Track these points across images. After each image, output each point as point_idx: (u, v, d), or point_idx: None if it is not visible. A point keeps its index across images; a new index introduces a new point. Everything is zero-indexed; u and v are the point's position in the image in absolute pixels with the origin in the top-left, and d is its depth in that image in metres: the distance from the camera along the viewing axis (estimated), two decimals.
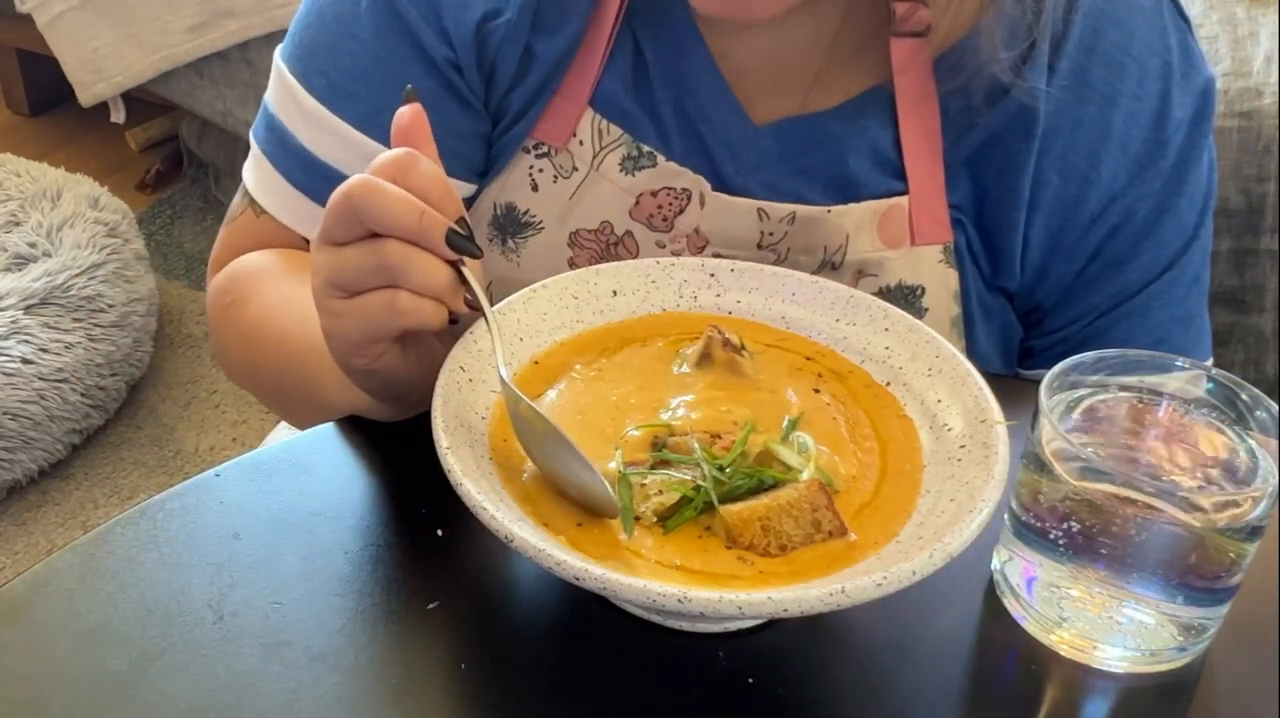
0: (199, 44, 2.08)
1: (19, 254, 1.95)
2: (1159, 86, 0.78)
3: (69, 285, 1.88)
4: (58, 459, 1.83)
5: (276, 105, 0.83)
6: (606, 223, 0.81)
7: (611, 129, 0.80)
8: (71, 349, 1.84)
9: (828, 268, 0.80)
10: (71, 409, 1.82)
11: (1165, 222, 0.81)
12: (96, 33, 2.13)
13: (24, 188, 2.08)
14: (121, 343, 1.91)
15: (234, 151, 2.38)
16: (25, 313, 1.83)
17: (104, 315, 1.90)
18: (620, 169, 0.80)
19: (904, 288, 0.80)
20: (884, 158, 0.79)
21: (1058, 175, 0.79)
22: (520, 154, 0.81)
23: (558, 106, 0.80)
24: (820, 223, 0.79)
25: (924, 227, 0.80)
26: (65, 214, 2.01)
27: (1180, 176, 0.80)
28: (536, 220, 0.82)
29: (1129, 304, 0.82)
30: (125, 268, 1.98)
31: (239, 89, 2.12)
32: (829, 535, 0.58)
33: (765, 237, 0.80)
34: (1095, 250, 0.81)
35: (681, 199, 0.80)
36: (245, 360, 0.81)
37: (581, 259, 0.81)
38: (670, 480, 0.59)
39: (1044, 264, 0.82)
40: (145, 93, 2.22)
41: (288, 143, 0.82)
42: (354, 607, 0.61)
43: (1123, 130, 0.78)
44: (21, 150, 2.27)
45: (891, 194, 0.79)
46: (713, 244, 0.81)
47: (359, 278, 0.60)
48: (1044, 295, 0.83)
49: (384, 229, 0.59)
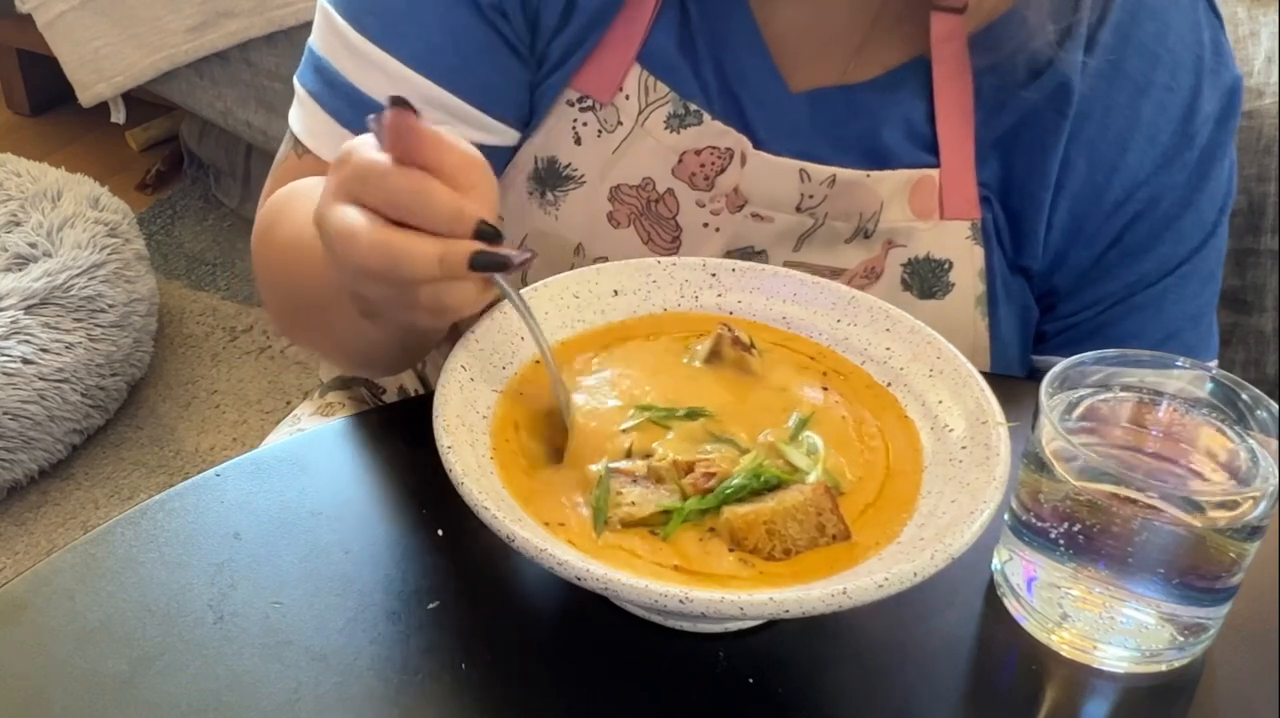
0: (199, 44, 2.08)
1: (19, 254, 1.95)
2: (1190, 80, 0.79)
3: (69, 285, 1.88)
4: (58, 459, 1.83)
5: (323, 48, 0.82)
6: (649, 179, 0.81)
7: (658, 86, 0.80)
8: (72, 349, 1.84)
9: (860, 235, 0.81)
10: (72, 409, 1.82)
11: (1186, 215, 0.81)
12: (97, 33, 2.12)
13: (24, 188, 2.08)
14: (122, 343, 1.91)
15: (234, 152, 2.38)
16: (26, 313, 1.83)
17: (104, 315, 1.90)
18: (665, 126, 0.80)
19: (932, 261, 0.81)
20: (917, 131, 0.80)
21: (1085, 160, 0.79)
22: (564, 107, 0.81)
23: (603, 60, 0.80)
24: (859, 187, 0.79)
25: (953, 201, 0.80)
26: (65, 214, 2.01)
27: (1204, 171, 0.81)
28: (578, 174, 0.82)
29: (1143, 295, 0.83)
30: (125, 268, 1.98)
31: (239, 89, 2.12)
32: (833, 539, 0.58)
33: (805, 199, 0.80)
34: (1115, 237, 0.82)
35: (724, 158, 0.80)
36: (285, 283, 0.80)
37: (620, 214, 0.82)
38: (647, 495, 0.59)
39: (1064, 248, 0.82)
40: (145, 93, 2.21)
41: (336, 83, 0.81)
42: (354, 607, 0.61)
43: (1152, 120, 0.79)
44: (22, 150, 2.27)
45: (922, 167, 0.80)
46: (752, 204, 0.81)
47: (385, 304, 0.60)
48: (1060, 280, 0.84)
49: (406, 282, 0.58)
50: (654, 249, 0.82)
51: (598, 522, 0.58)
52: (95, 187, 2.13)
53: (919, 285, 0.81)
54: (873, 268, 0.81)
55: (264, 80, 2.09)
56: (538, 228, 0.83)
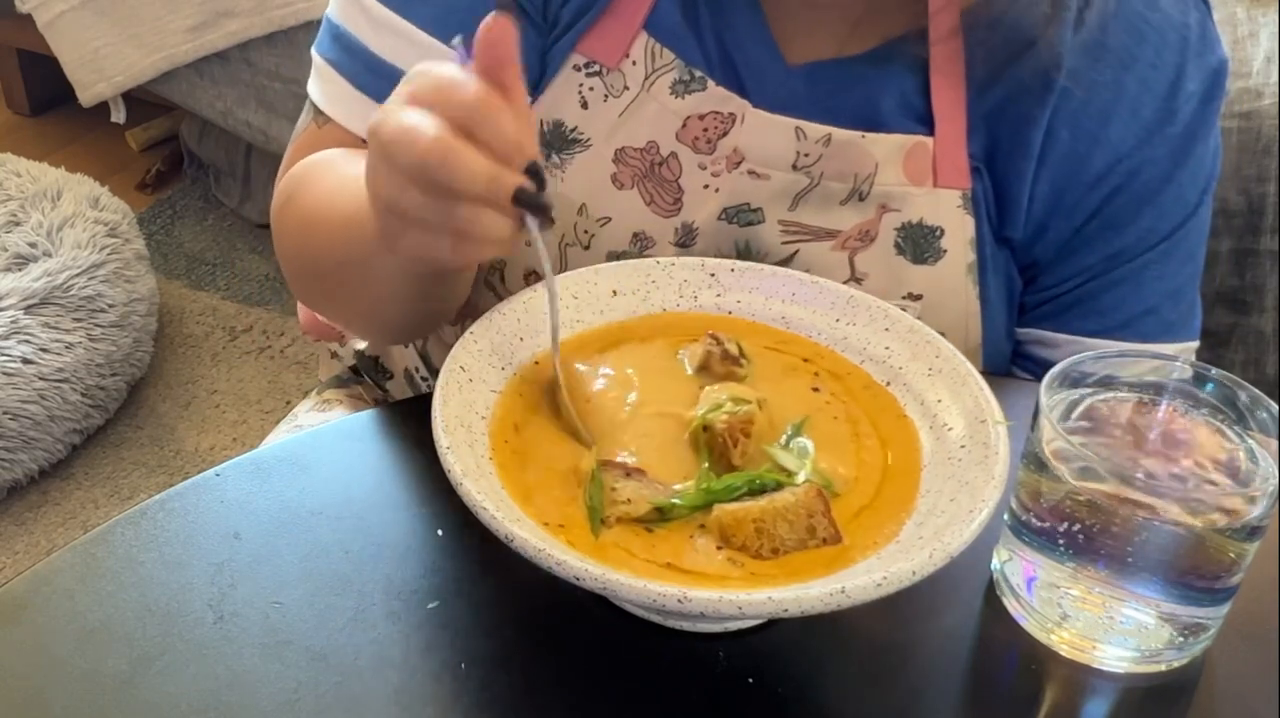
0: (199, 44, 2.08)
1: (19, 254, 1.95)
2: (1175, 58, 0.80)
3: (69, 285, 1.88)
4: (58, 459, 1.83)
5: (341, 16, 0.83)
6: (653, 143, 0.82)
7: (664, 53, 0.81)
8: (72, 349, 1.84)
9: (855, 197, 0.81)
10: (72, 409, 1.82)
11: (1167, 191, 0.82)
12: (97, 33, 2.12)
13: (24, 188, 2.08)
14: (122, 343, 1.91)
15: (234, 152, 2.38)
16: (25, 313, 1.83)
17: (104, 315, 1.90)
18: (671, 92, 0.81)
19: (925, 227, 0.81)
20: (910, 102, 0.81)
21: (1068, 132, 0.80)
22: (571, 72, 0.82)
23: (610, 26, 0.81)
24: (854, 147, 0.80)
25: (946, 170, 0.81)
26: (65, 214, 2.01)
27: (1186, 148, 0.81)
28: (584, 138, 0.83)
29: (1122, 269, 0.84)
30: (125, 268, 1.98)
31: (239, 89, 2.12)
32: (823, 542, 0.58)
33: (800, 157, 0.81)
34: (1095, 210, 0.82)
35: (726, 122, 0.81)
36: (306, 252, 0.80)
37: (624, 176, 0.82)
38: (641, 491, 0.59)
39: (1045, 219, 0.83)
40: (145, 93, 2.21)
41: (354, 49, 0.82)
42: (354, 607, 0.61)
43: (1135, 94, 0.80)
44: (22, 150, 2.27)
45: (917, 135, 0.81)
46: (749, 161, 0.82)
47: (419, 217, 0.59)
48: (1041, 251, 0.84)
49: (452, 191, 0.58)
50: (656, 210, 0.83)
51: (594, 521, 0.58)
52: (95, 186, 2.13)
53: (912, 250, 0.82)
54: (867, 231, 0.82)
55: (264, 80, 2.09)
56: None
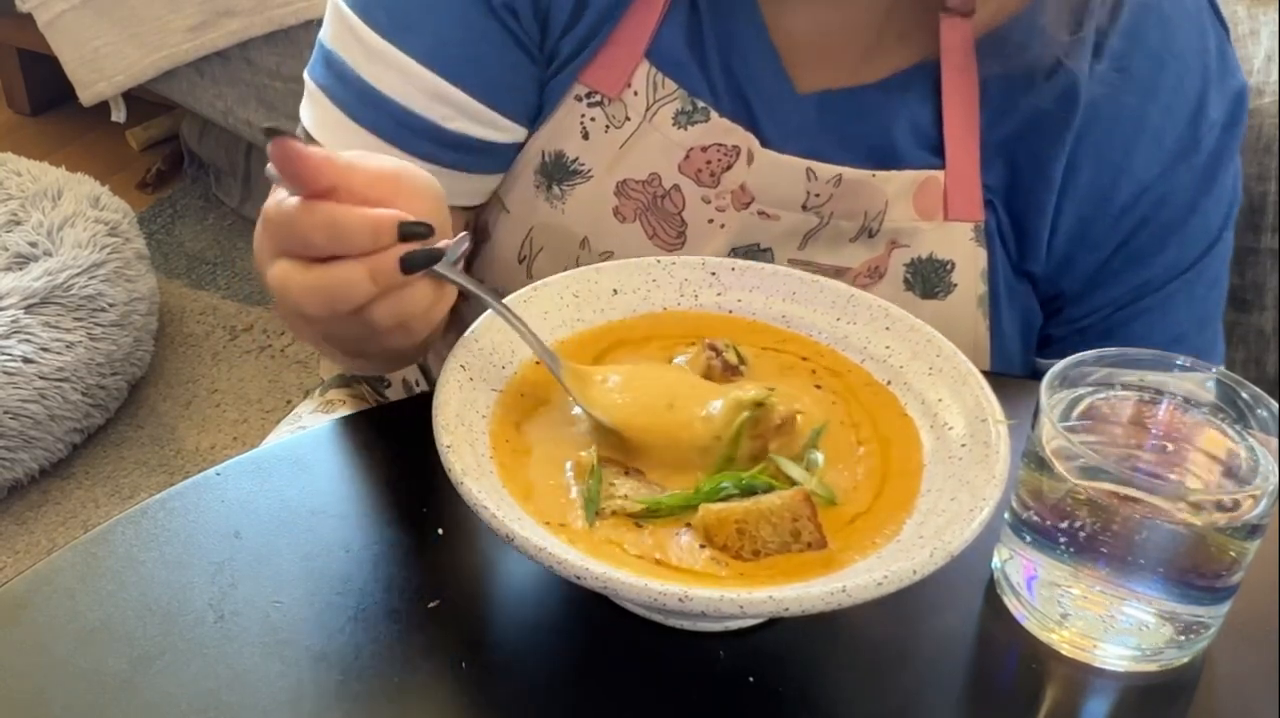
0: (199, 43, 2.08)
1: (19, 253, 1.95)
2: (1197, 85, 0.79)
3: (70, 285, 1.88)
4: (58, 458, 1.83)
5: (334, 42, 0.82)
6: (655, 174, 0.82)
7: (666, 82, 0.81)
8: (72, 348, 1.84)
9: (865, 234, 0.81)
10: (72, 408, 1.82)
11: (1192, 220, 0.81)
12: (97, 32, 2.12)
13: (25, 187, 2.08)
14: (122, 342, 1.91)
15: (234, 151, 2.38)
16: (26, 312, 1.83)
17: (105, 315, 1.90)
18: (673, 123, 0.81)
19: (935, 261, 0.81)
20: (923, 133, 0.80)
21: (1091, 164, 0.79)
22: (572, 102, 0.82)
23: (611, 55, 0.81)
24: (865, 187, 0.80)
25: (957, 203, 0.80)
26: (66, 213, 2.01)
27: (1210, 176, 0.81)
28: (585, 169, 0.82)
29: (1149, 299, 0.83)
30: (126, 267, 1.98)
31: (239, 89, 2.12)
32: (807, 547, 0.57)
33: (811, 197, 0.80)
34: (1122, 241, 0.82)
35: (730, 155, 0.81)
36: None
37: (626, 209, 0.82)
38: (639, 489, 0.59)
39: (1070, 252, 0.82)
40: (146, 92, 2.21)
41: (347, 77, 0.81)
42: (354, 606, 0.61)
43: (1158, 123, 0.79)
44: (22, 150, 2.27)
45: (928, 168, 0.80)
46: (759, 202, 0.81)
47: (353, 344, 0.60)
48: (1067, 284, 0.84)
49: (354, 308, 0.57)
50: (659, 244, 0.82)
51: (589, 512, 0.58)
52: (95, 186, 2.13)
53: (921, 285, 0.81)
54: (876, 267, 0.81)
55: (264, 79, 2.09)
56: (544, 221, 0.83)
